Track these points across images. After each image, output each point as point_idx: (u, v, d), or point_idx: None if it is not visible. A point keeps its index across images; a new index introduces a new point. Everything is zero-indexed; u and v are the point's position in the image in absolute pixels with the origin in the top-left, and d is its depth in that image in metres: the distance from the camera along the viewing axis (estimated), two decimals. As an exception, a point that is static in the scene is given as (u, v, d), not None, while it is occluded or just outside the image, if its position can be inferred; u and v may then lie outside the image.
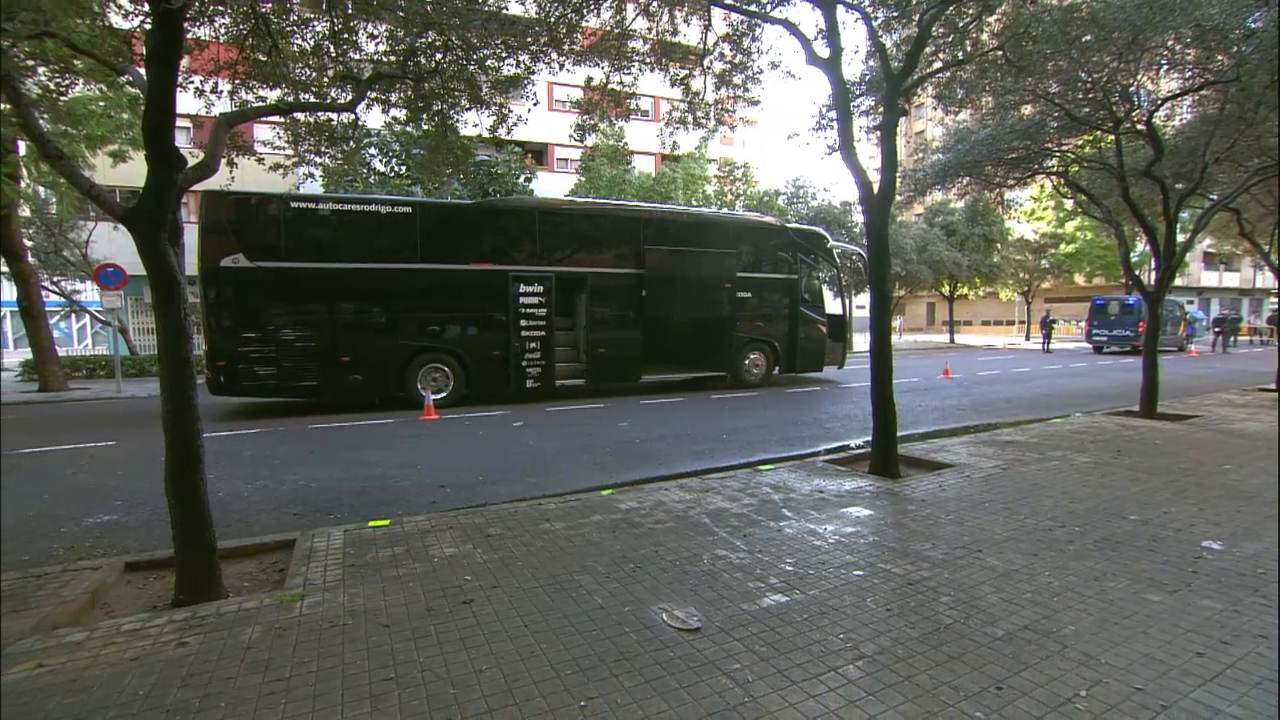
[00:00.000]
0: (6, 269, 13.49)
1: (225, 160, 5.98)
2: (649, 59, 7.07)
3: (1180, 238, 9.04)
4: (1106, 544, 3.80)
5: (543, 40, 6.09)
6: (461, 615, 2.96)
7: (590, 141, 10.38)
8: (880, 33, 6.06)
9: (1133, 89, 7.90)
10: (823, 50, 5.42)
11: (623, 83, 7.02)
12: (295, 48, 5.70)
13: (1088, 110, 7.92)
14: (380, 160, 19.08)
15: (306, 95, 5.84)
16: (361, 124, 7.25)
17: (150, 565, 3.72)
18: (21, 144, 11.80)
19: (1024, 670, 2.46)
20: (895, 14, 6.03)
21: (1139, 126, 8.10)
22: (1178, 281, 28.52)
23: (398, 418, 9.34)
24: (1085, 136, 9.27)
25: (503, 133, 6.70)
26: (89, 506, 5.12)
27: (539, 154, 26.89)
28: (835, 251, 14.49)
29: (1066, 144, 9.38)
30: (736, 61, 6.94)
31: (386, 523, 4.32)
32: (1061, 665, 2.49)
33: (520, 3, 6.07)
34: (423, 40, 5.57)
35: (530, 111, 7.01)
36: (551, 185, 24.22)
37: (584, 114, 7.64)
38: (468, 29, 5.35)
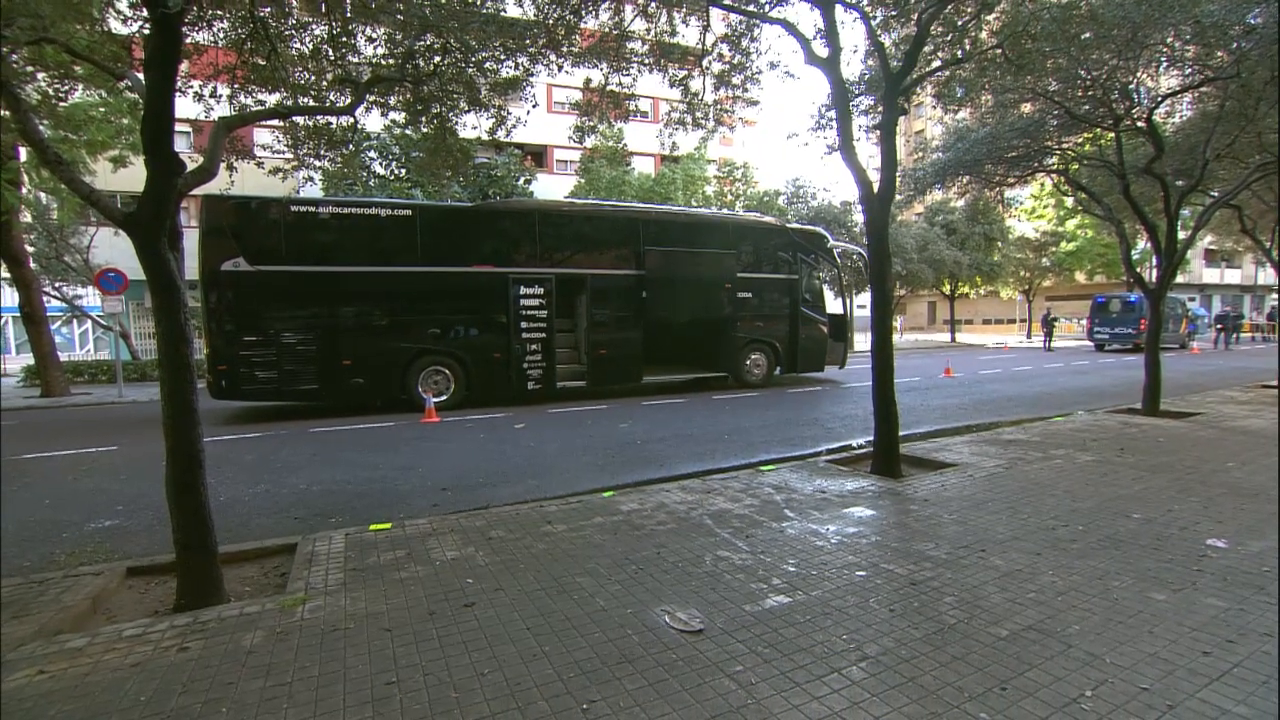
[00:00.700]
0: (8, 275, 13.51)
1: (225, 164, 5.99)
2: (648, 60, 7.07)
3: (1181, 235, 9.03)
4: (1110, 543, 3.79)
5: (541, 42, 6.09)
6: (464, 618, 2.96)
7: (589, 143, 10.39)
8: (879, 32, 6.05)
9: (1132, 86, 7.89)
10: (821, 50, 5.42)
11: (621, 84, 7.03)
12: (294, 51, 5.71)
13: (1087, 108, 7.90)
14: (380, 163, 19.11)
15: (305, 99, 5.85)
16: (361, 127, 7.26)
17: (152, 570, 3.72)
18: (22, 150, 11.83)
19: (1028, 670, 2.44)
20: (894, 13, 6.02)
21: (1139, 124, 8.08)
22: (1179, 278, 28.48)
23: (399, 420, 9.34)
24: (1085, 134, 9.26)
25: (502, 135, 6.70)
26: (91, 511, 5.12)
27: (538, 156, 26.92)
28: (836, 251, 14.48)
29: (1066, 142, 9.37)
30: (735, 62, 6.94)
31: (388, 526, 4.31)
32: (1066, 665, 2.47)
33: (519, 5, 6.08)
34: (421, 43, 5.58)
35: (529, 113, 7.01)
36: (551, 187, 24.26)
37: (583, 115, 7.65)
38: (466, 31, 5.36)
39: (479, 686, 2.39)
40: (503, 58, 6.08)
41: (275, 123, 6.37)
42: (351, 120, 6.39)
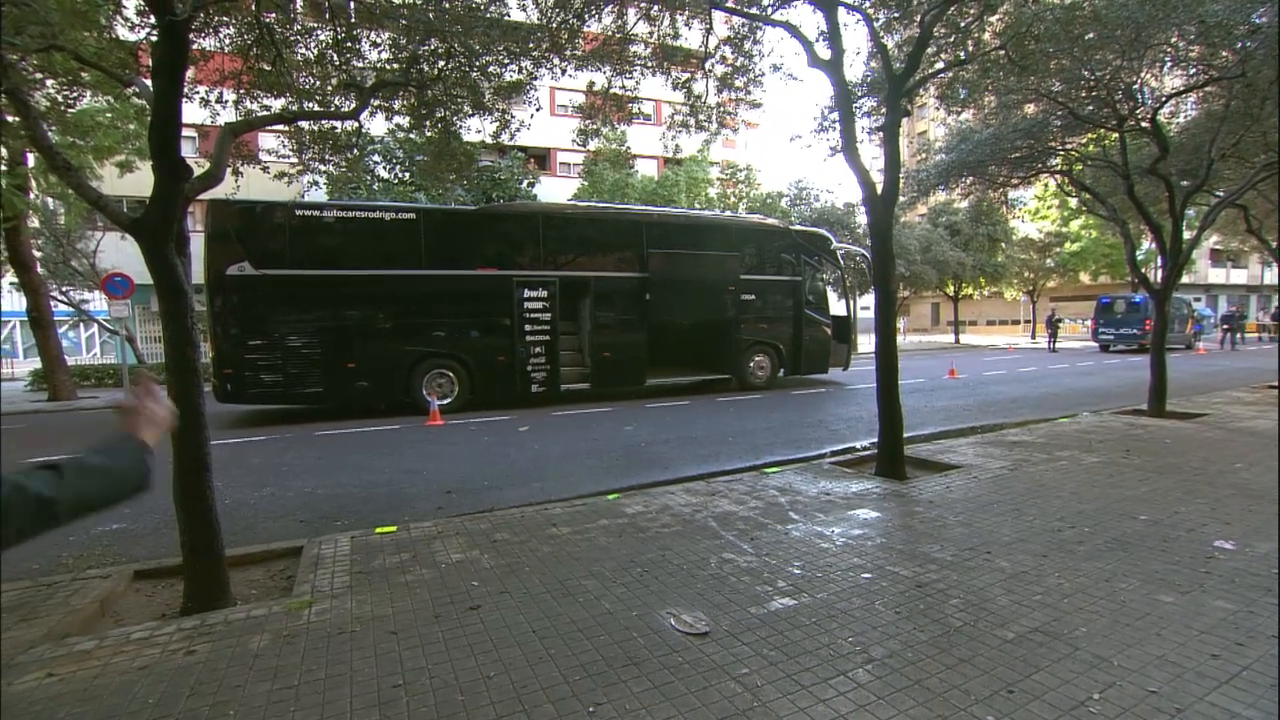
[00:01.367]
0: (16, 279, 13.60)
1: (230, 169, 6.01)
2: (650, 63, 7.08)
3: (1187, 235, 8.98)
4: (1117, 545, 3.77)
5: (545, 46, 6.11)
6: (469, 621, 2.96)
7: (593, 146, 10.40)
8: (882, 34, 6.06)
9: (1136, 86, 7.86)
10: (824, 52, 5.42)
11: (625, 87, 7.04)
12: (299, 57, 5.74)
13: (1091, 108, 7.88)
14: (384, 167, 19.18)
15: (310, 104, 5.88)
16: (365, 131, 7.29)
17: (159, 573, 3.74)
18: (30, 156, 11.92)
19: (1035, 673, 2.43)
20: (896, 15, 6.03)
21: (1143, 124, 8.06)
22: (1185, 279, 28.36)
23: (403, 423, 9.36)
24: (1089, 135, 9.24)
25: (505, 138, 6.72)
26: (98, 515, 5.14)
27: (542, 159, 26.98)
28: (839, 253, 14.46)
29: (1070, 142, 9.34)
30: (738, 64, 6.94)
31: (393, 529, 4.32)
32: (1073, 668, 2.46)
33: (522, 9, 6.10)
34: (425, 48, 5.59)
35: (533, 117, 7.02)
36: (554, 190, 24.30)
37: (586, 118, 7.67)
38: (470, 36, 5.37)
39: (485, 689, 2.40)
40: (506, 61, 6.10)
41: (280, 128, 6.39)
42: (356, 125, 6.41)
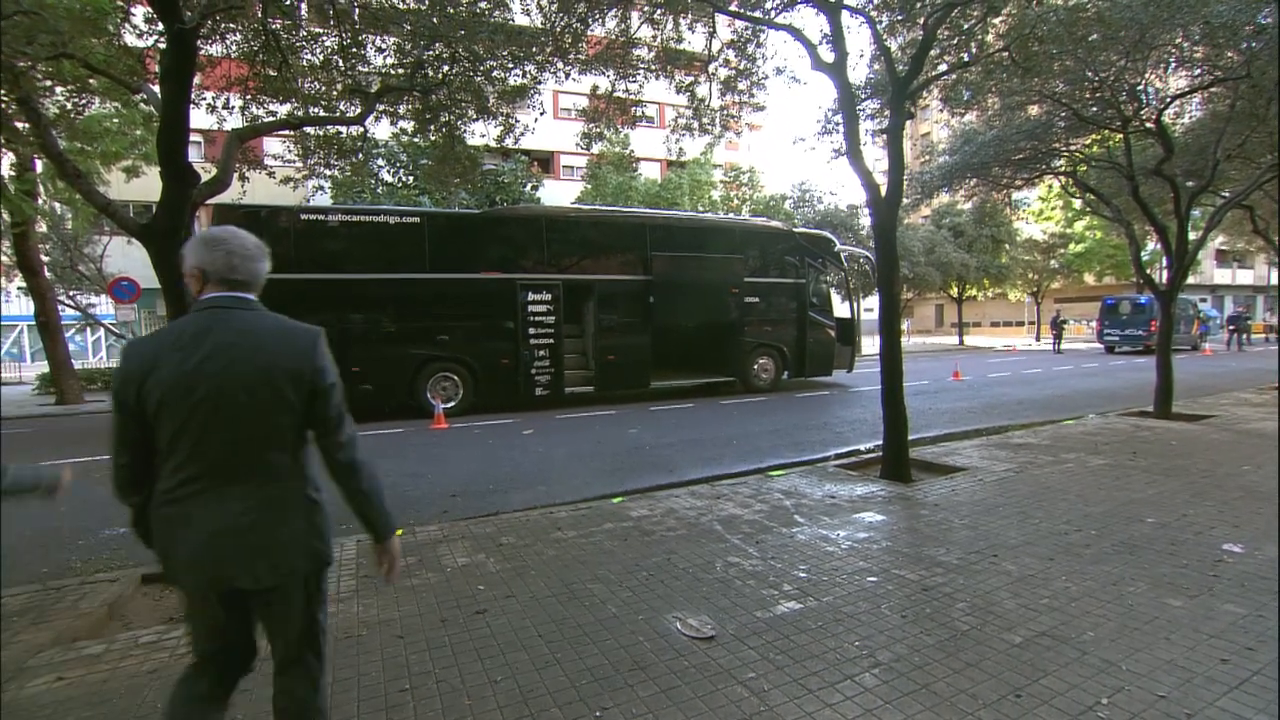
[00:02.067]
0: (24, 284, 13.69)
1: (236, 174, 6.06)
2: (654, 66, 7.11)
3: (1192, 236, 8.95)
4: (1124, 548, 3.75)
5: (548, 50, 6.14)
6: (475, 625, 2.97)
7: (596, 149, 10.43)
8: (885, 37, 6.06)
9: (1141, 87, 7.84)
10: (828, 55, 5.43)
11: (628, 90, 7.07)
12: (305, 63, 5.78)
13: (1095, 109, 7.87)
14: (388, 171, 19.25)
15: (316, 109, 5.93)
16: (370, 136, 7.33)
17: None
18: (38, 161, 12.00)
19: (1043, 677, 2.42)
20: (900, 18, 6.03)
21: (1148, 125, 8.04)
22: (1191, 280, 28.16)
23: (408, 426, 9.38)
24: (1093, 136, 9.21)
25: (509, 142, 6.76)
26: (105, 519, 5.17)
27: (545, 162, 27.07)
28: (843, 255, 14.45)
29: (1074, 144, 9.32)
30: (741, 68, 6.97)
31: (399, 532, 4.32)
32: (1081, 672, 2.45)
33: (526, 14, 6.13)
34: (430, 53, 5.63)
35: (536, 121, 7.07)
36: (558, 193, 24.38)
37: (590, 122, 7.69)
38: (474, 41, 5.41)
39: (492, 694, 2.40)
40: (510, 66, 6.14)
41: (286, 133, 6.44)
42: (361, 129, 6.46)
